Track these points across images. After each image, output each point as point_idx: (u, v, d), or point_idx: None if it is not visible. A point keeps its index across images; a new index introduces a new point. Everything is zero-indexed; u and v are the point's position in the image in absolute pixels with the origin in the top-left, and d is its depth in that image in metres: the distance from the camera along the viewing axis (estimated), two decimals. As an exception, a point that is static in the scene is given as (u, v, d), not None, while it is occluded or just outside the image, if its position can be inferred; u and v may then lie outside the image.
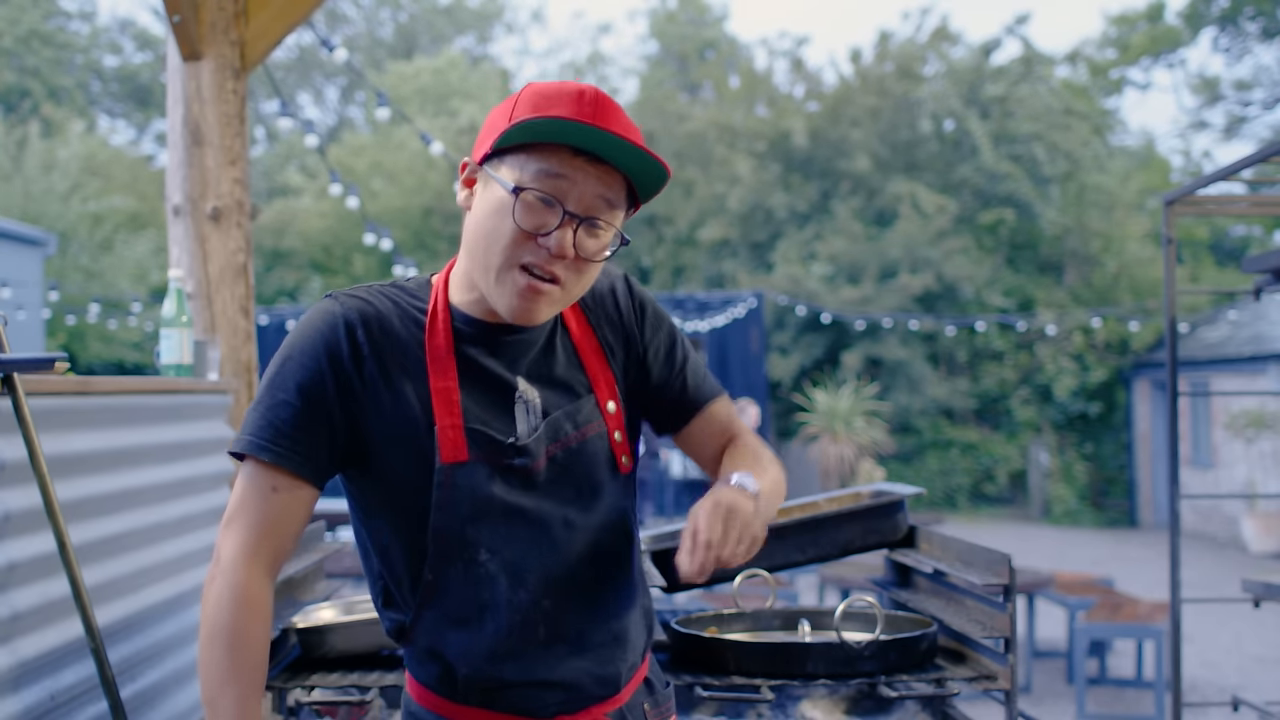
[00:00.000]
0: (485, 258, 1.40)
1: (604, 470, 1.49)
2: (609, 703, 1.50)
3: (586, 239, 1.38)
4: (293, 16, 3.33)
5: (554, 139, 1.35)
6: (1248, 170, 3.26)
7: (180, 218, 3.21)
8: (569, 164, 1.35)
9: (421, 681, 1.50)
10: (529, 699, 1.45)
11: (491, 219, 1.38)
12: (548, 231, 1.36)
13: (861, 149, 20.45)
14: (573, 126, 1.33)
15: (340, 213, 20.41)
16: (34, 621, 1.89)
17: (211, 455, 2.81)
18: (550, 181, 1.35)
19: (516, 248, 1.37)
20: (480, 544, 1.41)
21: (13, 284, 15.18)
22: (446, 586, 1.43)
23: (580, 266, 1.39)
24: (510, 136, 1.35)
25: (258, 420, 1.41)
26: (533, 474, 1.44)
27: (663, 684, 1.63)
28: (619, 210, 1.40)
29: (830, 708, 2.10)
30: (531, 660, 1.44)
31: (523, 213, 1.35)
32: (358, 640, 2.15)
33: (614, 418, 1.51)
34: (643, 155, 1.35)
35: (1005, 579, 2.02)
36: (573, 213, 1.36)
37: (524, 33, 47.35)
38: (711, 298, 14.25)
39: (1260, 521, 14.33)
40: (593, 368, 1.51)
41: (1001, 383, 19.79)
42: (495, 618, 1.42)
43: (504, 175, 1.38)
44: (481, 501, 1.41)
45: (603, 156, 1.36)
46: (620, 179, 1.39)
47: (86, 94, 31.27)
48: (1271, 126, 23.27)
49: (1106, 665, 7.14)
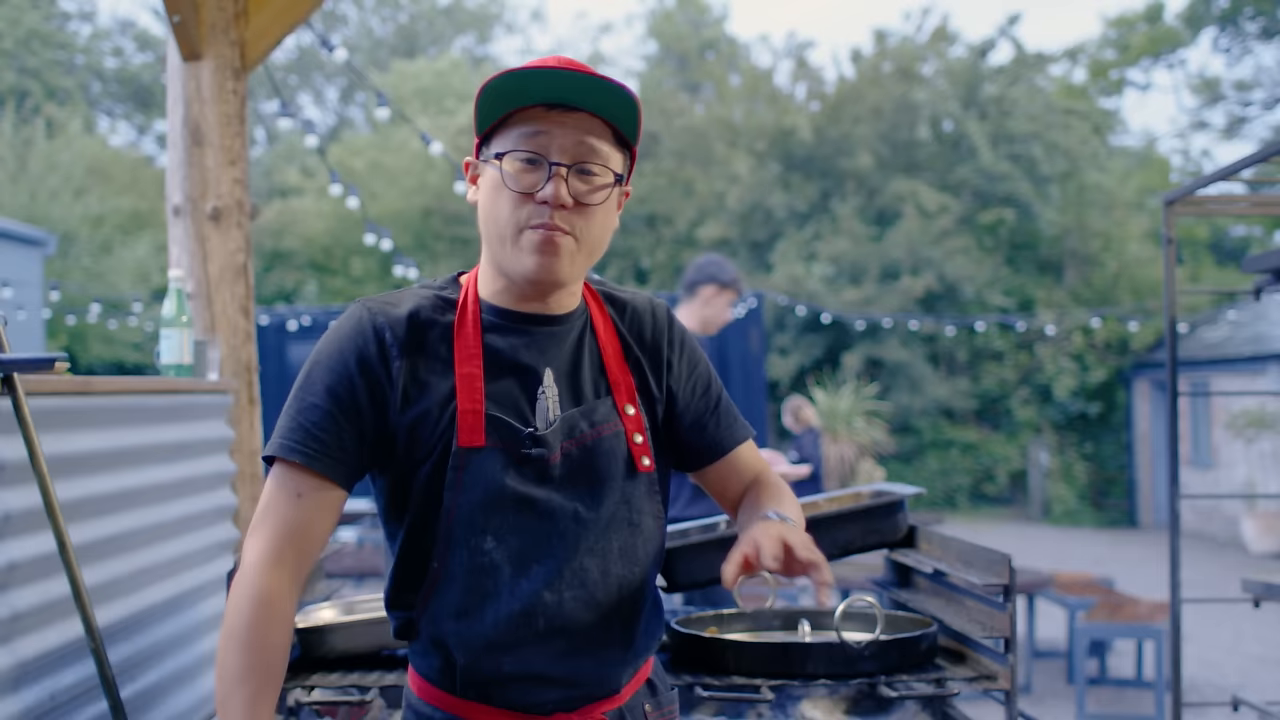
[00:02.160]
0: (497, 232, 1.44)
1: (619, 470, 1.49)
2: (608, 702, 1.50)
3: (579, 184, 1.42)
4: (293, 17, 3.33)
5: (521, 100, 1.40)
6: (1248, 170, 3.26)
7: (180, 218, 3.21)
8: (544, 119, 1.41)
9: (423, 674, 1.50)
10: (527, 694, 1.46)
11: (491, 197, 1.45)
12: (540, 187, 1.40)
13: (863, 148, 20.45)
14: (529, 74, 1.38)
15: (340, 213, 20.42)
16: (34, 621, 1.89)
17: (211, 455, 2.81)
18: (530, 140, 1.41)
19: (518, 210, 1.42)
20: (488, 531, 1.42)
21: (13, 284, 15.18)
22: (451, 575, 1.43)
23: (584, 211, 1.43)
24: (483, 109, 1.42)
25: (287, 424, 1.43)
26: (547, 466, 1.45)
27: (666, 686, 1.63)
28: (608, 151, 1.44)
29: (830, 708, 2.10)
30: (529, 654, 1.44)
31: (513, 177, 1.41)
32: (358, 640, 2.15)
33: (633, 420, 1.52)
34: (609, 88, 1.39)
35: (1005, 579, 2.02)
36: (558, 162, 1.40)
37: (524, 33, 47.34)
38: (711, 298, 14.22)
39: (1260, 521, 14.33)
40: (614, 372, 1.53)
41: (1001, 383, 19.80)
42: (495, 607, 1.43)
43: (491, 153, 1.45)
44: (494, 488, 1.42)
45: (572, 103, 1.40)
46: (600, 122, 1.43)
47: (87, 95, 31.27)
48: (1271, 126, 23.27)
49: (1106, 665, 7.14)
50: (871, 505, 2.49)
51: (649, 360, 1.57)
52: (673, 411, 1.59)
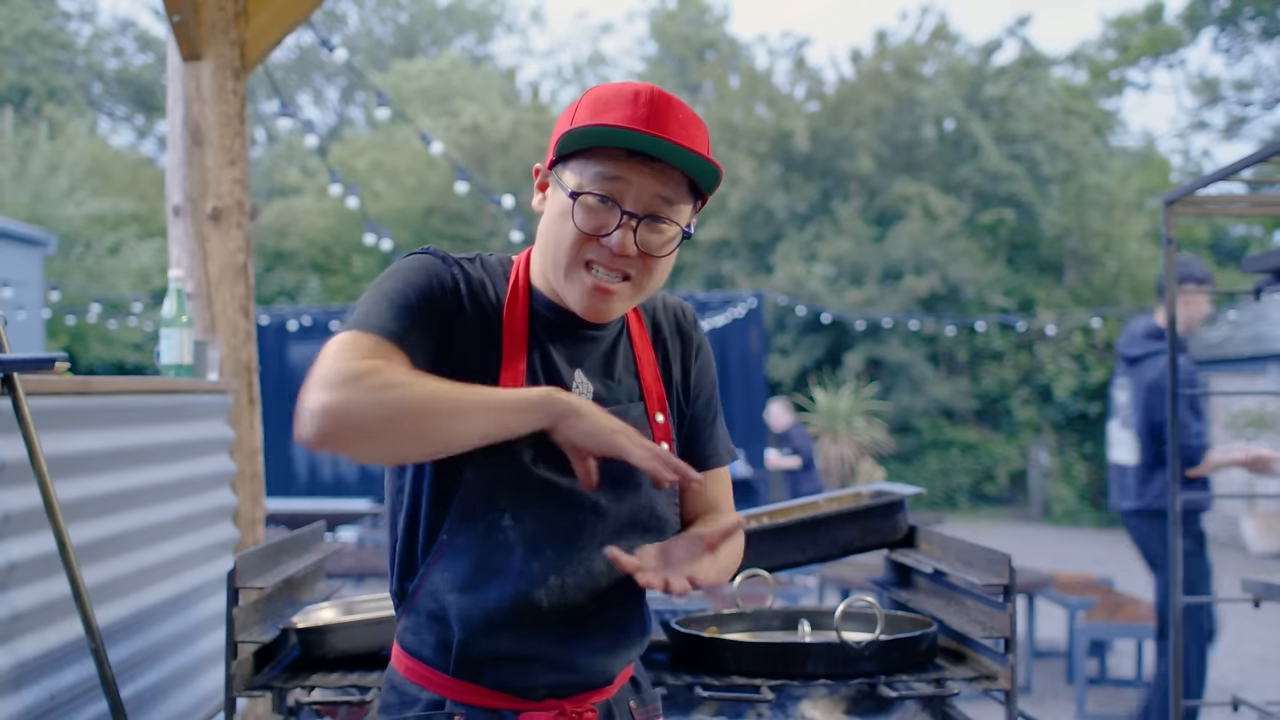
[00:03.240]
0: (555, 258, 1.44)
1: (645, 475, 1.49)
2: (598, 693, 1.51)
3: (649, 235, 1.42)
4: (293, 17, 3.33)
5: (607, 140, 1.39)
6: (1248, 170, 3.26)
7: (180, 218, 3.21)
8: (624, 165, 1.39)
9: (413, 652, 1.49)
10: (520, 676, 1.46)
11: (557, 222, 1.44)
12: (608, 232, 1.40)
13: (863, 149, 20.45)
14: (623, 134, 1.37)
15: (340, 213, 20.43)
16: (34, 621, 1.89)
17: (211, 455, 2.81)
18: (607, 184, 1.39)
19: (580, 248, 1.41)
20: (506, 510, 1.43)
21: (13, 284, 15.19)
22: (461, 547, 1.43)
23: (647, 263, 1.43)
24: (567, 143, 1.40)
25: (364, 309, 1.37)
26: None
27: (649, 684, 1.65)
28: (680, 205, 1.44)
29: (830, 708, 2.10)
30: (528, 634, 1.44)
31: (582, 215, 1.40)
32: (358, 640, 2.15)
33: (661, 429, 1.54)
34: (696, 160, 1.38)
35: (1005, 579, 2.02)
36: (631, 211, 1.40)
37: (524, 33, 47.35)
38: (711, 298, 14.24)
39: (1260, 521, 14.33)
40: (647, 379, 1.55)
41: (1001, 383, 19.80)
42: (501, 584, 1.43)
43: (566, 180, 1.43)
44: (520, 471, 1.42)
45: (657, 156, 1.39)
46: (679, 175, 1.42)
47: (87, 95, 31.29)
48: (1271, 126, 23.27)
49: (1106, 665, 7.14)
50: (871, 505, 2.49)
51: (677, 356, 1.60)
52: (684, 403, 1.62)
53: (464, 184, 9.06)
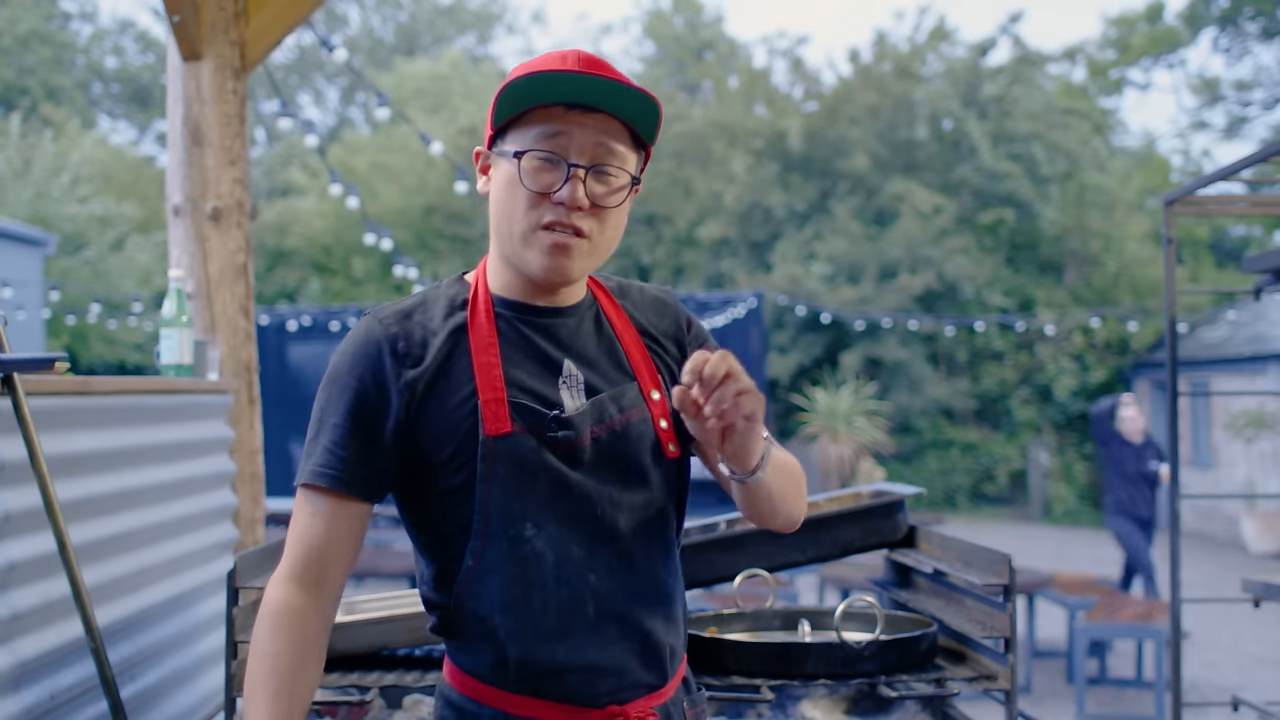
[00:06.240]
0: (509, 228, 1.44)
1: (648, 455, 1.49)
2: (656, 695, 1.48)
3: (597, 186, 1.42)
4: (293, 17, 3.33)
5: (542, 98, 1.40)
6: (1248, 170, 3.26)
7: (180, 218, 3.21)
8: (563, 119, 1.40)
9: (467, 670, 1.47)
10: (582, 685, 1.43)
11: (505, 192, 1.44)
12: (558, 188, 1.40)
13: (860, 148, 20.45)
14: (553, 76, 1.38)
15: (341, 213, 20.42)
16: (34, 621, 1.89)
17: (211, 455, 2.81)
18: (549, 140, 1.40)
19: (533, 210, 1.42)
20: (526, 518, 1.41)
21: (13, 284, 15.19)
22: (492, 569, 1.42)
23: (600, 214, 1.43)
24: (502, 105, 1.41)
25: (311, 449, 1.45)
26: (577, 449, 1.44)
27: (696, 686, 1.63)
28: (625, 152, 1.44)
29: (830, 708, 2.10)
30: (582, 641, 1.43)
31: (530, 176, 1.41)
32: (358, 640, 2.15)
33: (658, 405, 1.52)
34: (631, 93, 1.39)
35: (1005, 579, 2.02)
36: (576, 163, 1.40)
37: (525, 33, 47.33)
38: (711, 297, 14.25)
39: (1260, 521, 14.33)
40: (634, 357, 1.53)
41: (1001, 383, 19.79)
42: (543, 595, 1.42)
43: (508, 149, 1.44)
44: (528, 471, 1.41)
45: (594, 105, 1.40)
46: (619, 124, 1.43)
47: (88, 95, 31.29)
48: (1271, 126, 23.27)
49: (1106, 665, 7.14)
50: (871, 505, 2.49)
51: (670, 344, 1.58)
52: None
53: (464, 184, 9.08)
